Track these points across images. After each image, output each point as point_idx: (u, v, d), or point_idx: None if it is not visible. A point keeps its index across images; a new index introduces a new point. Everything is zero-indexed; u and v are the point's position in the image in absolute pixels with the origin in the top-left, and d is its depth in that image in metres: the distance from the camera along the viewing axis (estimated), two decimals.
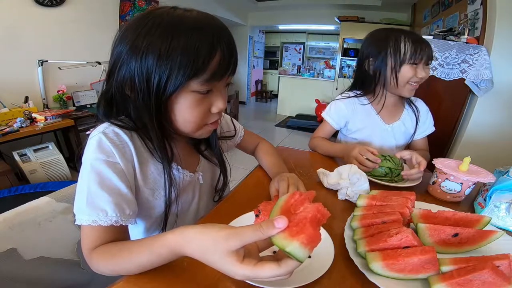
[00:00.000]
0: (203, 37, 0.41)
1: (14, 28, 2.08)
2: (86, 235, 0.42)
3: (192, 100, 0.44)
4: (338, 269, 0.42)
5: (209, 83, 0.43)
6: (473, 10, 1.98)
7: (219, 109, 0.48)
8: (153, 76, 0.41)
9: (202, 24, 0.42)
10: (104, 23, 2.73)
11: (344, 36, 4.72)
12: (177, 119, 0.47)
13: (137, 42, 0.41)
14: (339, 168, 0.67)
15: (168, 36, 0.40)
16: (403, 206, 0.50)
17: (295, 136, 4.08)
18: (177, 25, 0.41)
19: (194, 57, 0.40)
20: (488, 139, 1.82)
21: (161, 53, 0.40)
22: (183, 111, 0.45)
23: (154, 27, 0.41)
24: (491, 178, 0.60)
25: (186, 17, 0.42)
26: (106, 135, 0.45)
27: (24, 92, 2.18)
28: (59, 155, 2.06)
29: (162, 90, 0.42)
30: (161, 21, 0.41)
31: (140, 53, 0.41)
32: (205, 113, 0.47)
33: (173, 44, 0.40)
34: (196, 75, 0.41)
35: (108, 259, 0.40)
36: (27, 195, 1.52)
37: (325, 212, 0.35)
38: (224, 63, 0.43)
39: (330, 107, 1.03)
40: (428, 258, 0.38)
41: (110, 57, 0.46)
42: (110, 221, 0.42)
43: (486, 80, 1.64)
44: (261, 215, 0.51)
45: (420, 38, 0.87)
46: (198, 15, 0.43)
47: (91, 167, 0.43)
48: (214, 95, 0.47)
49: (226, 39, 0.43)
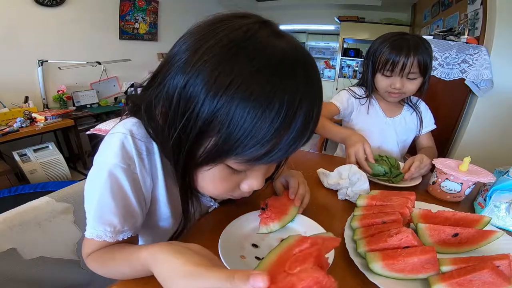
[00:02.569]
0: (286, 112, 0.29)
1: (14, 28, 2.08)
2: (86, 241, 0.42)
3: (220, 173, 0.35)
4: (338, 269, 0.42)
5: (247, 164, 0.33)
6: (473, 10, 1.98)
7: (250, 189, 0.38)
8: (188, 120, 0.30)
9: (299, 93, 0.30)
10: (104, 23, 2.73)
11: (344, 36, 4.72)
12: (202, 187, 0.38)
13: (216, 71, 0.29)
14: (339, 168, 0.67)
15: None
16: (403, 206, 0.50)
17: None
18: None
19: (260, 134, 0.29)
20: (488, 139, 1.82)
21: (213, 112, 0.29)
22: (210, 182, 0.37)
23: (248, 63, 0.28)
24: (491, 178, 0.60)
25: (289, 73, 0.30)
26: (134, 137, 0.37)
27: (24, 92, 2.18)
28: (59, 155, 2.06)
29: (198, 159, 0.33)
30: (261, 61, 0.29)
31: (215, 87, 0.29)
32: (232, 189, 0.38)
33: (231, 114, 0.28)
34: (238, 155, 0.31)
35: (99, 266, 0.40)
36: (27, 195, 1.52)
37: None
38: (283, 150, 0.31)
39: (340, 95, 1.04)
40: (428, 258, 0.38)
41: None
42: (116, 236, 0.39)
43: (486, 80, 1.64)
44: (267, 211, 0.51)
45: (406, 49, 0.82)
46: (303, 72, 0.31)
47: (108, 174, 0.37)
48: (251, 172, 0.37)
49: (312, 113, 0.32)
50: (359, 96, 1.01)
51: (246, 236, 0.48)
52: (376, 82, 0.93)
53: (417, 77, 0.87)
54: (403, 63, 0.83)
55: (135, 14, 2.99)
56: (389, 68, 0.86)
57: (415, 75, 0.86)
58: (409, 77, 0.86)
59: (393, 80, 0.88)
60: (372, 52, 0.92)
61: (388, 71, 0.87)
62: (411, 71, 0.84)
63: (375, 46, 0.91)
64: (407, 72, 0.85)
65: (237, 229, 0.48)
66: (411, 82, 0.88)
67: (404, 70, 0.84)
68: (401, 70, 0.84)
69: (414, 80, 0.87)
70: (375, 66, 0.91)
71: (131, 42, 3.04)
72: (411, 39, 0.85)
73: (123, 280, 0.38)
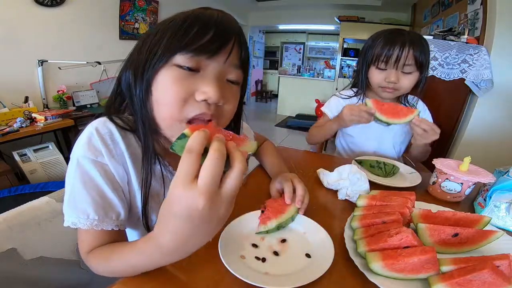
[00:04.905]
0: (202, 17, 0.39)
1: (14, 28, 2.08)
2: (81, 238, 0.42)
3: (173, 74, 0.38)
4: (338, 269, 0.42)
5: (194, 57, 0.38)
6: (473, 10, 1.98)
7: (205, 95, 0.38)
8: (145, 47, 0.40)
9: (208, 13, 0.40)
10: (104, 23, 2.73)
11: (344, 36, 4.73)
12: (157, 103, 0.41)
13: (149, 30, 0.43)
14: (339, 168, 0.67)
15: (172, 17, 0.41)
16: (403, 206, 0.50)
17: (295, 136, 4.08)
18: (185, 13, 0.40)
19: (185, 30, 0.38)
20: (488, 139, 1.82)
21: (159, 29, 0.40)
22: (164, 90, 0.39)
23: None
24: (491, 178, 0.60)
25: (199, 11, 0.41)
26: (98, 131, 0.42)
27: (24, 92, 2.17)
28: (59, 155, 2.06)
29: (149, 63, 0.39)
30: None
31: (145, 35, 0.42)
32: (186, 95, 0.39)
33: (172, 22, 0.40)
34: (183, 48, 0.38)
35: (102, 262, 0.39)
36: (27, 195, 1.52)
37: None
38: (218, 40, 0.39)
39: (330, 101, 1.04)
40: (428, 258, 0.38)
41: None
42: (91, 224, 0.40)
43: (486, 80, 1.64)
44: (266, 212, 0.51)
45: (401, 40, 0.81)
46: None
47: (77, 164, 0.41)
48: (202, 78, 0.39)
49: (229, 25, 0.41)
50: (346, 96, 1.00)
51: (246, 236, 0.48)
52: (370, 77, 0.91)
53: (413, 71, 0.84)
54: (397, 55, 0.81)
55: (135, 14, 2.99)
56: (383, 59, 0.84)
57: (410, 68, 0.83)
58: (404, 70, 0.84)
59: (387, 73, 0.86)
60: (366, 47, 0.90)
61: (382, 63, 0.85)
62: (406, 63, 0.82)
63: (369, 42, 0.90)
64: (402, 64, 0.82)
65: (237, 229, 0.48)
66: (406, 77, 0.85)
67: (399, 62, 0.82)
68: (395, 62, 0.82)
69: (409, 75, 0.85)
70: (368, 61, 0.89)
71: (131, 42, 2.97)
72: (407, 33, 0.83)
73: (123, 280, 0.38)
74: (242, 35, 0.43)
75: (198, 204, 0.26)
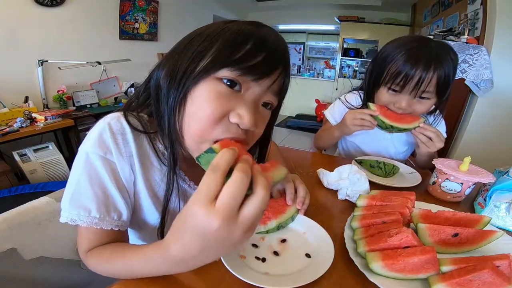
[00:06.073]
0: (257, 34, 0.38)
1: (14, 28, 2.08)
2: (81, 236, 0.42)
3: (216, 89, 0.37)
4: (338, 269, 0.42)
5: (241, 76, 0.37)
6: (473, 10, 1.98)
7: (239, 119, 0.37)
8: (188, 52, 0.38)
9: (264, 33, 0.39)
10: (104, 23, 2.73)
11: (344, 36, 4.72)
12: (190, 116, 0.39)
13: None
14: (339, 168, 0.67)
15: (222, 25, 0.39)
16: (403, 206, 0.50)
17: (295, 136, 4.07)
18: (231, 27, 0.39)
19: (237, 45, 0.36)
20: (488, 139, 1.82)
21: (206, 35, 0.38)
22: (202, 103, 0.37)
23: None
24: (491, 178, 0.60)
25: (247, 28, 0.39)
26: (111, 127, 0.41)
27: (24, 92, 2.17)
28: (59, 155, 2.06)
29: (190, 70, 0.38)
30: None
31: (188, 37, 0.41)
32: (222, 114, 0.37)
33: (223, 31, 0.38)
34: (231, 64, 0.36)
35: (101, 263, 0.39)
36: (27, 195, 1.52)
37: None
38: (268, 65, 0.38)
39: (334, 107, 0.99)
40: (428, 258, 0.38)
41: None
42: (91, 222, 0.39)
43: (486, 80, 1.64)
44: (266, 211, 0.51)
45: (425, 60, 0.67)
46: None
47: (86, 158, 0.40)
48: (240, 99, 0.38)
49: (281, 51, 0.40)
50: (352, 106, 0.91)
51: None
52: (378, 95, 0.78)
53: (431, 98, 0.72)
54: (417, 80, 0.67)
55: (135, 14, 2.99)
56: (400, 82, 0.69)
57: (429, 94, 0.71)
58: (421, 96, 0.71)
59: (399, 97, 0.72)
60: (383, 57, 0.75)
61: (397, 86, 0.71)
62: (426, 90, 0.69)
63: (387, 51, 0.75)
64: (421, 91, 0.69)
65: None
66: (421, 103, 0.72)
67: (418, 88, 0.68)
68: (414, 88, 0.69)
69: (426, 100, 0.72)
70: (380, 76, 0.75)
71: (131, 42, 3.03)
72: (435, 47, 0.68)
73: (123, 280, 0.38)
74: (289, 63, 0.42)
75: (212, 225, 0.26)
